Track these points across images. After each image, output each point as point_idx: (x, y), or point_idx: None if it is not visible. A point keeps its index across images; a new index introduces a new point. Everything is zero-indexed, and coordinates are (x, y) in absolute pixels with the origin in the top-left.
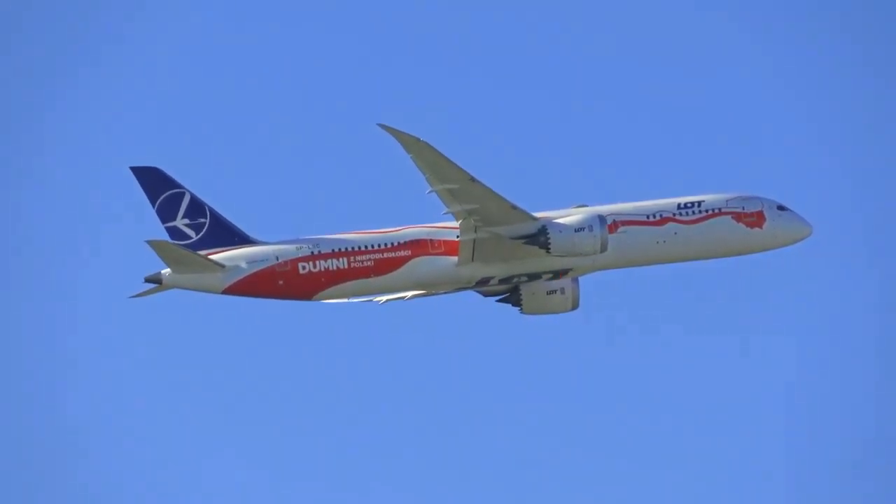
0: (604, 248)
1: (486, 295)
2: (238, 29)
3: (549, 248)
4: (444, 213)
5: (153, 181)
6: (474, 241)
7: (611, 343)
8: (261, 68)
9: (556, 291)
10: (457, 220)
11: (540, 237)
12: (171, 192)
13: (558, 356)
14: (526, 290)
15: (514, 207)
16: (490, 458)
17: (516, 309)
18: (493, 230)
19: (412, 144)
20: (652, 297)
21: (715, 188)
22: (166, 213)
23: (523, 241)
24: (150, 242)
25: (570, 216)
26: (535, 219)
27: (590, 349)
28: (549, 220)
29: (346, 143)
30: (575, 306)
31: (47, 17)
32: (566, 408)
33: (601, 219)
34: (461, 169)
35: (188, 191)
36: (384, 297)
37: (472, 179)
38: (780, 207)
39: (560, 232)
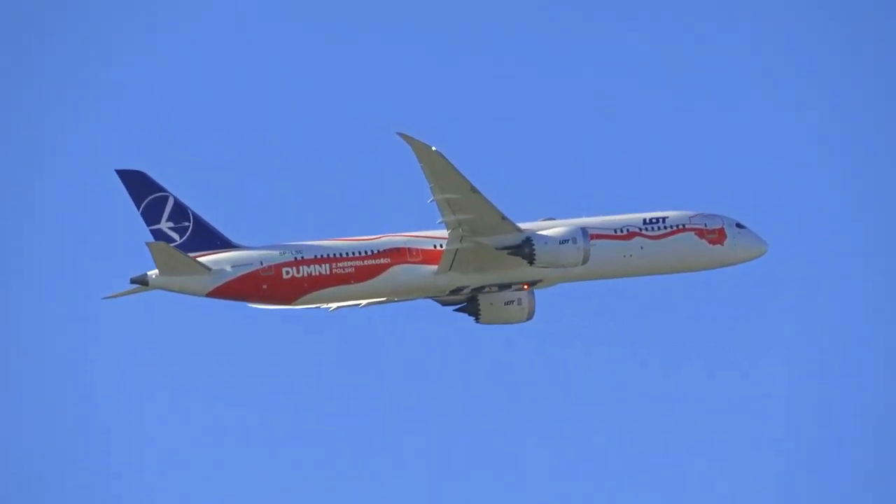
0: (586, 261)
1: (444, 304)
2: (223, 36)
3: (534, 260)
4: (439, 223)
5: (138, 184)
6: (457, 250)
7: (562, 352)
8: (243, 75)
9: (513, 302)
10: (448, 229)
11: (525, 248)
12: (155, 195)
13: (513, 365)
14: (484, 301)
15: (504, 218)
16: (443, 466)
17: (471, 319)
18: (478, 240)
19: (426, 153)
20: (604, 308)
21: (670, 202)
22: (151, 216)
23: (508, 251)
24: (149, 245)
25: (552, 228)
26: (520, 230)
27: (542, 359)
28: (532, 232)
29: (321, 151)
30: (530, 317)
31: (30, 22)
32: (514, 416)
33: (584, 231)
34: (465, 179)
35: (172, 195)
36: (334, 305)
37: (473, 190)
38: (739, 225)
39: (545, 244)
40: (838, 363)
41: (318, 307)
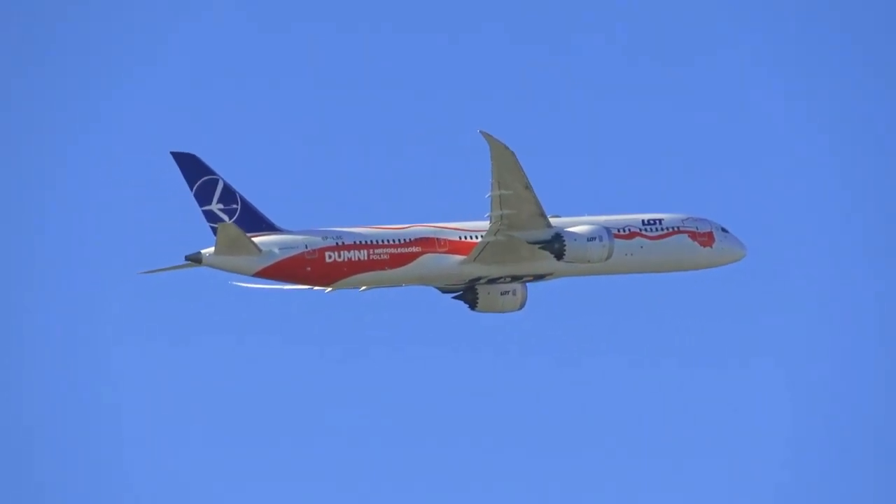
0: (609, 258)
1: (444, 291)
2: (268, 27)
3: (564, 255)
4: (487, 216)
5: (191, 167)
6: (488, 243)
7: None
8: (287, 67)
9: (508, 292)
10: (492, 222)
11: (555, 244)
12: (206, 177)
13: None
14: (482, 290)
15: (542, 215)
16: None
17: (466, 306)
18: (513, 234)
19: (501, 151)
20: (586, 302)
21: (659, 204)
22: (203, 197)
23: (538, 246)
24: (220, 225)
25: (576, 226)
26: (550, 226)
27: (529, 346)
28: (562, 229)
29: (343, 143)
30: (521, 307)
31: (91, 11)
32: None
33: (608, 230)
34: (524, 177)
35: (221, 178)
36: (329, 288)
37: (527, 187)
38: (724, 229)
39: (575, 240)
40: (836, 365)
41: (312, 289)
